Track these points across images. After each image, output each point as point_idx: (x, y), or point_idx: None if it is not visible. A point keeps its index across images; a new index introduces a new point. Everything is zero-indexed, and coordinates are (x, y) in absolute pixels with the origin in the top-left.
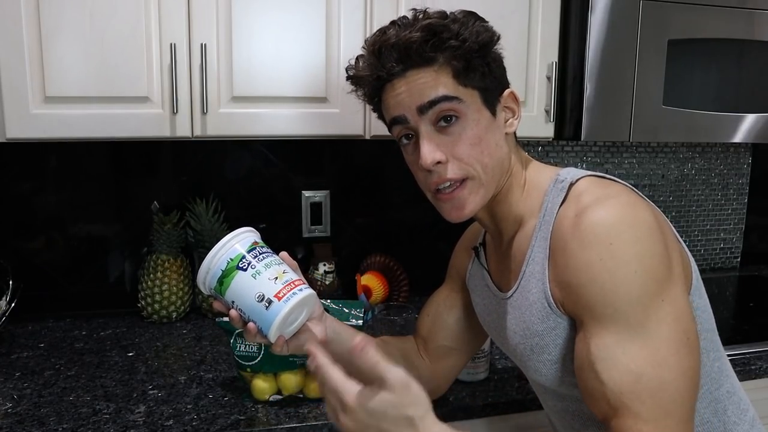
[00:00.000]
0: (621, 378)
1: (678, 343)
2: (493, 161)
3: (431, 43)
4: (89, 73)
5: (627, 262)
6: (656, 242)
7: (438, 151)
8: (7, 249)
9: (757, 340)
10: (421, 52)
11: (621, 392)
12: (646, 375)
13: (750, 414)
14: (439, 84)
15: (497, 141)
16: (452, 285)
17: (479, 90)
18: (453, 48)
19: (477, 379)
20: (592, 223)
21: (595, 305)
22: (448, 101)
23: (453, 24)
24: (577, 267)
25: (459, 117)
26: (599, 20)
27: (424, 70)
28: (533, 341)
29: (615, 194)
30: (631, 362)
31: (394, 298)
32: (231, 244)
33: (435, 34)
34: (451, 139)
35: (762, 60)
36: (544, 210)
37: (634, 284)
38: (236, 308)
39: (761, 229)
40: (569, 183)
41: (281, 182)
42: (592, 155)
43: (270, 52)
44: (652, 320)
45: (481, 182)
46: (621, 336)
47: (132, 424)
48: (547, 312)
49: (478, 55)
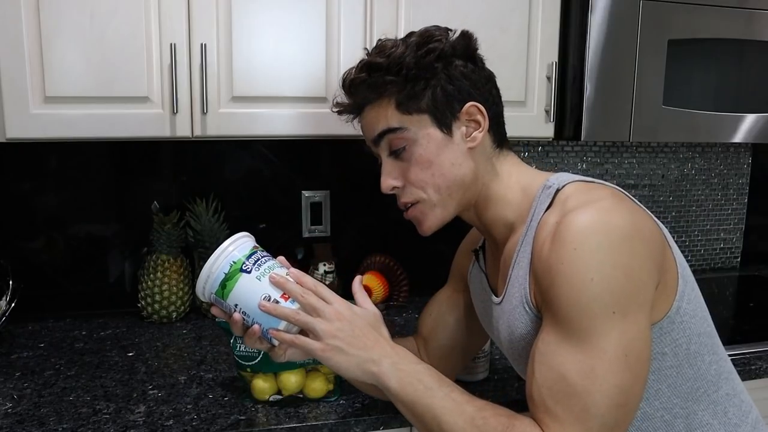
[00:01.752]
0: (547, 373)
1: (614, 358)
2: (447, 181)
3: (367, 83)
4: (89, 73)
5: (586, 268)
6: (623, 253)
7: (391, 177)
8: (7, 249)
9: (757, 340)
10: (363, 92)
11: (542, 386)
12: (569, 379)
13: (753, 416)
14: (385, 117)
15: (453, 160)
16: (455, 285)
17: (428, 113)
18: (391, 83)
19: (477, 379)
20: (566, 228)
21: (551, 305)
22: (392, 132)
23: (390, 58)
24: (544, 269)
25: (408, 144)
26: (599, 20)
27: (372, 105)
28: (519, 345)
29: (597, 199)
30: (560, 364)
31: (394, 298)
32: (232, 248)
33: (372, 71)
34: (405, 165)
35: (762, 60)
36: (531, 216)
37: (587, 292)
38: (239, 311)
39: (761, 229)
40: (556, 189)
41: (281, 182)
42: (592, 155)
43: (270, 52)
44: (597, 331)
45: (433, 203)
46: (562, 338)
47: (132, 424)
48: (530, 316)
49: (422, 80)
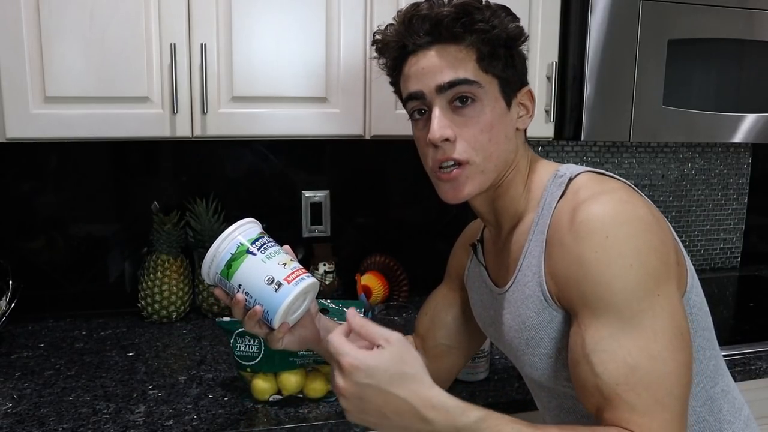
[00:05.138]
0: (616, 370)
1: (672, 337)
2: (498, 151)
3: (462, 22)
4: (89, 73)
5: (622, 255)
6: (653, 237)
7: (448, 128)
8: (7, 249)
9: (757, 340)
10: (450, 28)
11: (616, 384)
12: (642, 367)
13: (745, 413)
14: (462, 65)
15: (507, 133)
16: (450, 284)
17: (499, 79)
18: (482, 31)
19: (477, 379)
20: (588, 217)
21: (591, 299)
22: (468, 84)
23: (486, 9)
24: (572, 261)
25: (475, 100)
26: (599, 20)
27: (450, 47)
28: (528, 335)
29: (612, 190)
30: (627, 355)
31: (394, 298)
32: (240, 231)
33: (467, 13)
34: (463, 120)
35: (762, 60)
36: (542, 204)
37: (629, 278)
38: (242, 292)
39: (761, 229)
40: (568, 178)
41: (281, 182)
42: (592, 155)
43: (270, 52)
44: (648, 314)
45: (482, 169)
46: (616, 329)
47: (132, 424)
48: (543, 305)
49: (504, 45)
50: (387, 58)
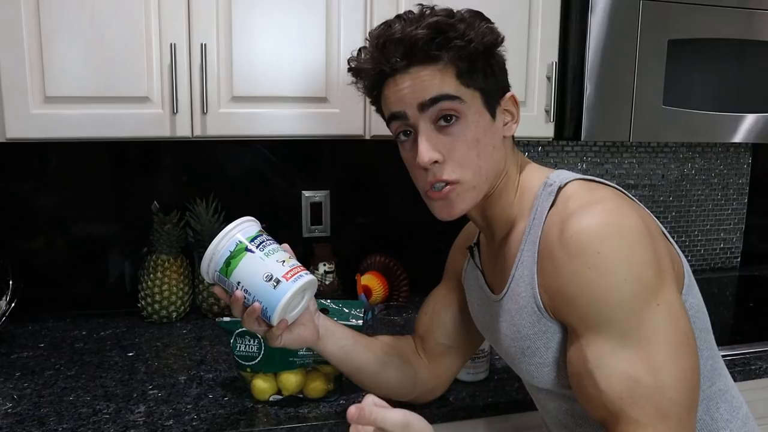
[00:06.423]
0: (619, 384)
1: (676, 344)
2: (488, 164)
3: (436, 42)
4: (89, 73)
5: (615, 269)
6: (644, 248)
7: (435, 150)
8: (7, 249)
9: (757, 340)
10: (426, 50)
11: (620, 398)
12: (644, 380)
13: (743, 412)
14: (442, 82)
15: (494, 144)
16: (449, 284)
17: (481, 91)
18: (458, 48)
19: (477, 379)
20: (579, 231)
21: (588, 314)
22: (450, 100)
23: (459, 23)
24: (565, 278)
25: (459, 117)
26: (599, 20)
27: (428, 67)
28: (524, 344)
29: (602, 199)
30: (628, 368)
31: (394, 298)
32: (239, 229)
33: (441, 32)
34: (449, 139)
35: (762, 60)
36: (534, 213)
37: (624, 292)
38: (241, 289)
39: (761, 229)
40: (558, 187)
41: (281, 182)
42: (592, 155)
43: (270, 52)
44: (647, 325)
45: (474, 185)
46: (616, 343)
47: (132, 424)
48: (537, 316)
49: (482, 57)
50: (364, 83)
